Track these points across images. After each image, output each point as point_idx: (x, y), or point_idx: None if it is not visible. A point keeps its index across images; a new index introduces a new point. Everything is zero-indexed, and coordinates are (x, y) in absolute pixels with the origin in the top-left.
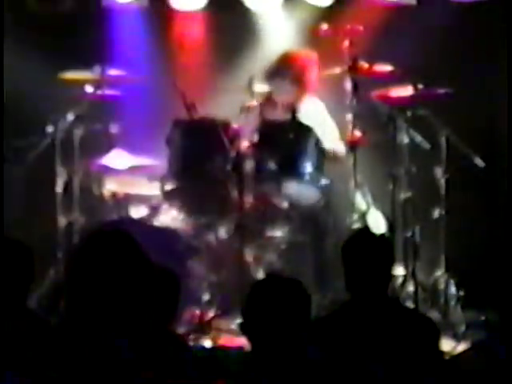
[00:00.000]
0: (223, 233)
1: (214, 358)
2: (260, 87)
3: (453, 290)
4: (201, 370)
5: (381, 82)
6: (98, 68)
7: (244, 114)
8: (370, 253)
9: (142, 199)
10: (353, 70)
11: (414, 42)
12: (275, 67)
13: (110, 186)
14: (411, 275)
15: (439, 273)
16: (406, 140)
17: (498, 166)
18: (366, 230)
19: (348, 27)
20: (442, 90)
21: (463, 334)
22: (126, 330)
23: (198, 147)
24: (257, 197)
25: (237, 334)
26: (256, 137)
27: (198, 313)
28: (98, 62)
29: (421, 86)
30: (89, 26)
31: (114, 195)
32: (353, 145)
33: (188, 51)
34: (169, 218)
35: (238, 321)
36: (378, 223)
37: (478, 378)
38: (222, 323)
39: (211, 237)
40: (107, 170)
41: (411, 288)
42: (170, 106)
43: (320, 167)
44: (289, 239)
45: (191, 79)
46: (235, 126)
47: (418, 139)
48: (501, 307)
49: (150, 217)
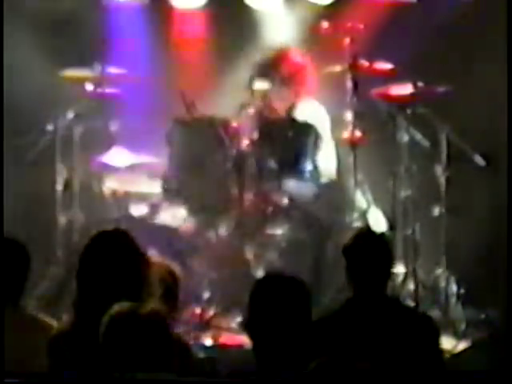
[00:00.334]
0: (223, 231)
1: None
2: (260, 85)
3: (453, 287)
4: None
5: (381, 80)
6: (97, 66)
7: (244, 112)
8: (369, 251)
9: (142, 197)
10: (353, 68)
11: (414, 40)
12: (263, 69)
13: (110, 184)
14: (412, 273)
15: (440, 271)
16: (406, 138)
17: (498, 163)
18: (366, 229)
19: (348, 25)
20: (441, 88)
21: (464, 332)
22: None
23: (198, 145)
24: (257, 195)
25: (237, 332)
26: (256, 135)
27: (199, 311)
28: (97, 60)
29: (421, 84)
30: (89, 25)
31: (114, 193)
32: (353, 143)
33: (188, 49)
34: (169, 216)
35: (239, 319)
36: (379, 221)
37: (478, 377)
38: (222, 321)
39: (211, 235)
40: (107, 168)
41: (412, 286)
42: (169, 105)
43: (320, 165)
44: (289, 237)
45: (191, 77)
46: (235, 124)
47: (418, 137)
48: (501, 305)
49: (151, 215)
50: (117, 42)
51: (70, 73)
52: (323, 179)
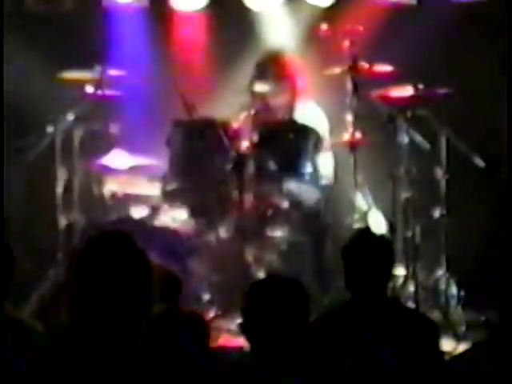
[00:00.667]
0: (223, 233)
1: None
2: (260, 87)
3: (453, 290)
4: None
5: (381, 82)
6: (98, 68)
7: (244, 113)
8: (370, 253)
9: (142, 199)
10: (353, 70)
11: (414, 42)
12: (260, 70)
13: (110, 186)
14: (412, 275)
15: (440, 273)
16: (406, 140)
17: (498, 165)
18: (366, 231)
19: (348, 27)
20: (442, 90)
21: (464, 334)
22: (127, 329)
23: (198, 147)
24: (257, 197)
25: (237, 334)
26: (256, 137)
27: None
28: (98, 62)
29: (421, 86)
30: (89, 26)
31: (114, 195)
32: (353, 145)
33: (188, 51)
34: (169, 219)
35: (239, 321)
36: (379, 223)
37: (478, 379)
38: (222, 323)
39: (211, 237)
40: (107, 170)
41: (412, 288)
42: (170, 107)
43: (320, 167)
44: (289, 239)
45: (191, 79)
46: (235, 126)
47: (418, 139)
48: (501, 307)
49: (151, 217)
50: (117, 44)
51: (70, 75)
52: (323, 181)
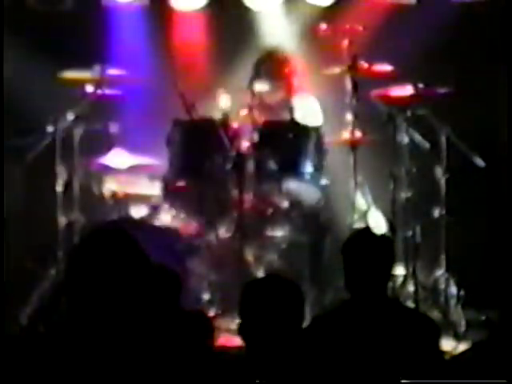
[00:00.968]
0: (223, 232)
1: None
2: (260, 87)
3: (453, 289)
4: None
5: (380, 81)
6: (97, 68)
7: (244, 113)
8: (370, 252)
9: (142, 199)
10: (352, 69)
11: (413, 42)
12: (256, 68)
13: (110, 186)
14: (411, 275)
15: (439, 272)
16: (406, 139)
17: (498, 165)
18: (366, 230)
19: (347, 27)
20: (441, 90)
21: (464, 334)
22: (127, 329)
23: (197, 147)
24: (257, 196)
25: (237, 333)
26: (256, 136)
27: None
28: (97, 62)
29: (421, 86)
30: (89, 26)
31: (114, 195)
32: (353, 144)
33: (188, 50)
34: (169, 218)
35: (238, 320)
36: (379, 223)
37: (478, 379)
38: (222, 323)
39: (211, 236)
40: (107, 170)
41: (411, 288)
42: (169, 106)
43: (320, 167)
44: (289, 239)
45: (191, 79)
46: (235, 125)
47: (418, 139)
48: (501, 307)
49: (151, 216)
50: (117, 43)
51: (70, 74)
52: (323, 181)
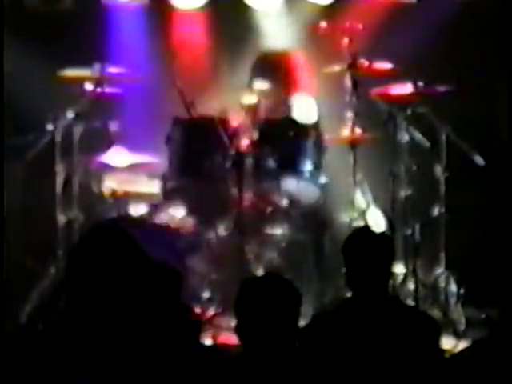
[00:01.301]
0: (223, 230)
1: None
2: (260, 85)
3: (453, 287)
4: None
5: (381, 79)
6: (97, 66)
7: (244, 112)
8: (370, 250)
9: (141, 197)
10: (352, 67)
11: (413, 40)
12: (256, 68)
13: (109, 184)
14: (411, 273)
15: (439, 270)
16: (406, 138)
17: (497, 163)
18: (366, 228)
19: (347, 25)
20: (441, 88)
21: (463, 332)
22: (126, 328)
23: (197, 145)
24: (256, 195)
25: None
26: (255, 135)
27: (198, 311)
28: (97, 60)
29: (421, 84)
30: (89, 25)
31: (114, 193)
32: (353, 143)
33: (188, 49)
34: (169, 216)
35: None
36: (378, 221)
37: (479, 377)
38: (222, 321)
39: (211, 234)
40: (107, 168)
41: (411, 286)
42: (169, 105)
43: (319, 165)
44: (288, 237)
45: (191, 77)
46: (235, 124)
47: (418, 137)
48: (501, 305)
49: (150, 215)
50: (116, 41)
51: (70, 73)
52: (322, 179)
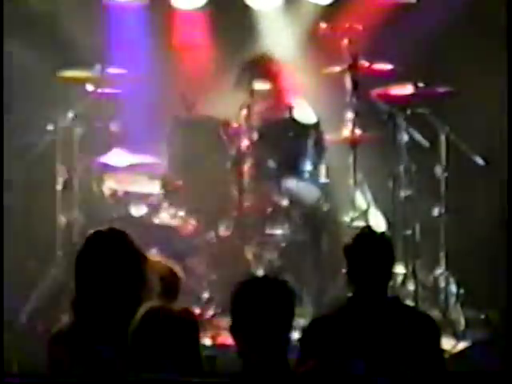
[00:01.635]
0: (223, 231)
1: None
2: (260, 86)
3: (453, 288)
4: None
5: (381, 80)
6: (98, 66)
7: (244, 112)
8: (371, 251)
9: (141, 197)
10: (353, 68)
11: (413, 41)
12: (243, 73)
13: (109, 184)
14: (411, 273)
15: (439, 271)
16: (406, 138)
17: (497, 164)
18: (367, 229)
19: (347, 26)
20: (442, 89)
21: (463, 333)
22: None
23: (197, 145)
24: (257, 195)
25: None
26: (256, 135)
27: (198, 311)
28: (98, 61)
29: (421, 85)
30: (89, 25)
31: (114, 193)
32: (353, 143)
33: (188, 49)
34: (169, 216)
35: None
36: (378, 221)
37: (478, 377)
38: (221, 321)
39: (211, 235)
40: (107, 168)
41: (411, 286)
42: (170, 105)
43: (319, 165)
44: (288, 237)
45: (191, 78)
46: (235, 124)
47: (418, 137)
48: (500, 306)
49: (150, 215)
50: (117, 42)
51: (71, 73)
52: (322, 179)
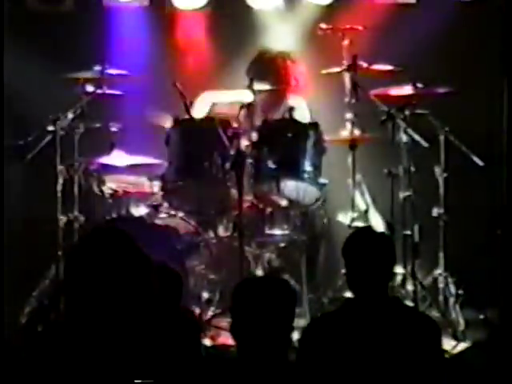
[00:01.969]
0: (222, 231)
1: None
2: (260, 86)
3: (452, 288)
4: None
5: (380, 81)
6: (98, 67)
7: (244, 112)
8: (371, 251)
9: (141, 198)
10: (352, 69)
11: (413, 41)
12: (250, 69)
13: (109, 185)
14: (410, 274)
15: (438, 271)
16: (405, 139)
17: (497, 164)
18: (366, 229)
19: (347, 26)
20: (441, 90)
21: (462, 333)
22: (127, 330)
23: (197, 146)
24: (256, 195)
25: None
26: (255, 135)
27: (198, 311)
28: (98, 61)
29: (420, 85)
30: (89, 25)
31: (114, 194)
32: (352, 143)
33: (188, 49)
34: (168, 217)
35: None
36: (377, 222)
37: (478, 377)
38: (221, 322)
39: (211, 235)
40: (107, 169)
41: (410, 287)
42: (169, 105)
43: (319, 166)
44: (288, 238)
45: (191, 78)
46: (234, 124)
47: (417, 138)
48: (500, 306)
49: (150, 215)
50: (117, 42)
51: (71, 74)
52: (322, 180)
